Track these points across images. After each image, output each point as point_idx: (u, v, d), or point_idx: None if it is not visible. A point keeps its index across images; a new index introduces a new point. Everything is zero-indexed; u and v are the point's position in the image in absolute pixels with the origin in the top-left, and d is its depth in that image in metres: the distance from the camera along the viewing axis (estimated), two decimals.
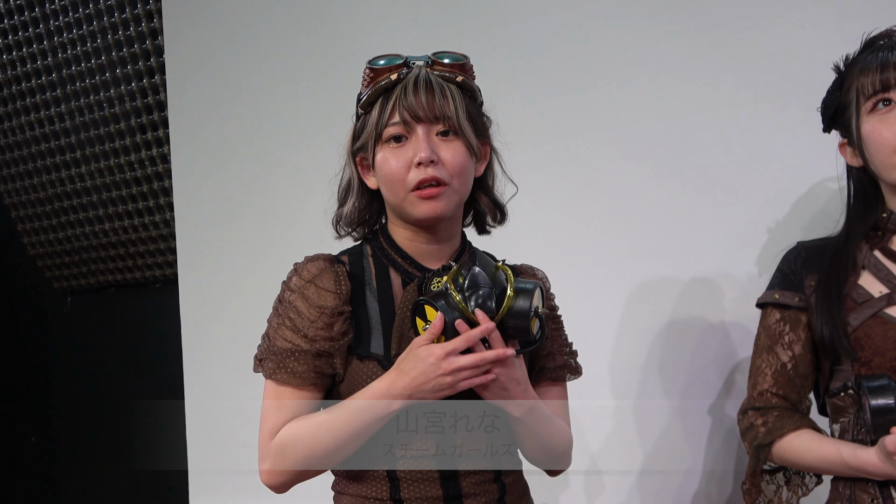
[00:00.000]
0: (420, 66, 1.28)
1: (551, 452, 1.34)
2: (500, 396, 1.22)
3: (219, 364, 2.71)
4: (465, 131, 1.26)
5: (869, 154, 1.34)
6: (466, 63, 1.31)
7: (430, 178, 1.23)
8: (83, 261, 3.54)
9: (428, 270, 1.30)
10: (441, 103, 1.24)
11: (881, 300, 1.33)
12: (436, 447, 1.24)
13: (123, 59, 3.12)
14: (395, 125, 1.25)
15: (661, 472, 1.95)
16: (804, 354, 1.41)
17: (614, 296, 2.00)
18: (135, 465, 3.44)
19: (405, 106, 1.24)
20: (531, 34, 2.14)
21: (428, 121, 1.24)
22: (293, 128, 2.57)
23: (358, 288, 1.29)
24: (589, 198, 2.05)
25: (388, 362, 1.24)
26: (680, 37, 1.95)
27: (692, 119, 1.93)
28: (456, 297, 1.17)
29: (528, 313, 1.19)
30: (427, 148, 1.23)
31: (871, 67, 1.32)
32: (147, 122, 3.14)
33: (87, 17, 3.17)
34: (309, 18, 2.55)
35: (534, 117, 2.12)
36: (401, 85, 1.25)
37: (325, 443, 1.22)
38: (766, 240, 1.83)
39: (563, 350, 1.41)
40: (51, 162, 3.43)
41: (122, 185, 3.27)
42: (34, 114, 3.42)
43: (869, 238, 1.39)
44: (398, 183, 1.25)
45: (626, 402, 1.99)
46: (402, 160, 1.25)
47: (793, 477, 1.45)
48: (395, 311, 1.27)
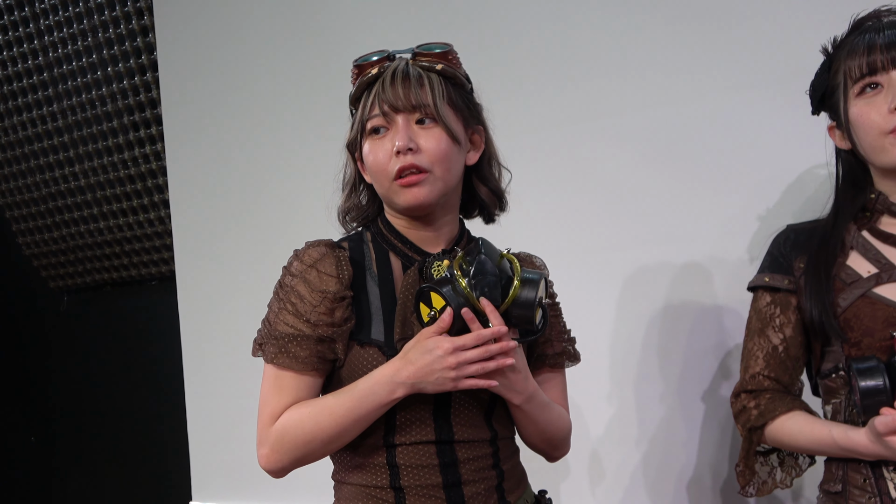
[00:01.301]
0: (403, 58, 1.31)
1: (551, 439, 1.36)
2: (502, 385, 1.23)
3: (218, 360, 2.72)
4: (445, 118, 1.27)
5: (857, 137, 1.35)
6: (449, 51, 1.32)
7: (409, 165, 1.25)
8: (79, 260, 3.54)
9: (428, 255, 1.31)
10: (417, 92, 1.26)
11: (869, 280, 1.33)
12: (435, 434, 1.25)
13: (115, 56, 3.12)
14: (375, 117, 1.28)
15: (659, 456, 1.97)
16: (795, 337, 1.41)
17: (608, 284, 2.01)
18: (136, 463, 3.45)
19: (383, 98, 1.26)
20: (522, 24, 2.15)
21: (406, 110, 1.26)
22: (287, 123, 2.58)
23: (359, 273, 1.30)
24: (580, 186, 2.06)
25: (388, 348, 1.25)
26: (669, 26, 1.96)
27: (683, 107, 1.94)
28: (462, 283, 1.18)
29: (533, 303, 1.20)
30: (405, 136, 1.25)
31: (858, 50, 1.32)
32: (140, 119, 3.14)
33: (77, 16, 3.17)
34: (301, 13, 2.55)
35: (524, 107, 2.13)
36: (381, 78, 1.28)
37: (327, 428, 1.23)
38: (759, 225, 1.85)
39: (561, 337, 1.42)
40: (44, 161, 3.42)
41: (116, 183, 3.27)
42: (26, 113, 3.41)
43: (857, 219, 1.40)
44: (381, 173, 1.28)
45: (623, 387, 2.00)
46: (384, 150, 1.27)
47: (786, 458, 1.46)
48: (397, 296, 1.28)
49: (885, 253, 1.35)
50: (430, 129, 1.27)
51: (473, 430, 1.28)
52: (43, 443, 3.80)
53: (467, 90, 1.35)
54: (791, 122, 1.74)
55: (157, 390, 3.27)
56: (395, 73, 1.28)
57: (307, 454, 1.26)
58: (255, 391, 1.31)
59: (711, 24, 1.91)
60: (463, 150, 1.32)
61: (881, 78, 1.30)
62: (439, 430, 1.26)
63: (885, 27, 1.33)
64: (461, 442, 1.27)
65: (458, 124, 1.30)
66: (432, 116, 1.27)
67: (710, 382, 1.92)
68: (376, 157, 1.28)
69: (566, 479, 2.08)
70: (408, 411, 1.25)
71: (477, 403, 1.28)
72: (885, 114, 1.29)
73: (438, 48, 1.31)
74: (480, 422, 1.29)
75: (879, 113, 1.30)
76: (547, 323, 1.27)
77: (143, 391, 3.39)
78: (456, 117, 1.30)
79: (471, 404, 1.28)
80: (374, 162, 1.28)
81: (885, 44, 1.30)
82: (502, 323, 1.19)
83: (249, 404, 2.55)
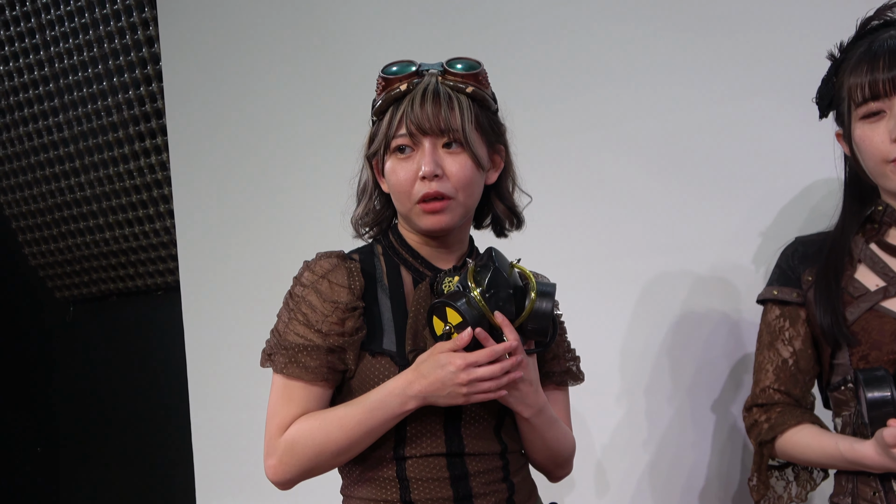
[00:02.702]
0: (432, 74, 1.27)
1: (556, 457, 1.35)
2: (513, 396, 1.23)
3: (223, 369, 2.72)
4: (472, 144, 1.25)
5: (861, 158, 1.34)
6: (480, 72, 1.29)
7: (434, 192, 1.24)
8: (85, 270, 3.54)
9: (439, 270, 1.31)
10: (447, 116, 1.23)
11: (877, 293, 1.32)
12: (446, 446, 1.25)
13: (120, 67, 3.13)
14: (402, 137, 1.25)
15: (668, 467, 1.96)
16: (805, 349, 1.41)
17: (618, 293, 2.00)
18: (141, 473, 3.45)
19: (412, 119, 1.24)
20: (528, 33, 2.15)
21: (434, 133, 1.24)
22: (292, 132, 2.58)
23: (370, 285, 1.30)
24: (589, 196, 2.05)
25: (401, 359, 1.24)
26: (677, 34, 1.95)
27: (691, 115, 1.93)
28: (476, 296, 1.18)
29: (549, 315, 1.20)
30: (431, 162, 1.23)
31: (861, 69, 1.29)
32: (146, 129, 3.15)
33: (83, 27, 3.18)
34: (307, 22, 2.55)
35: (532, 116, 2.12)
36: (409, 96, 1.25)
37: (338, 439, 1.22)
38: (767, 234, 1.84)
39: (566, 356, 1.42)
40: (50, 172, 3.43)
41: (122, 194, 3.28)
42: (32, 124, 3.42)
43: (865, 231, 1.39)
44: (404, 194, 1.26)
45: (631, 397, 1.99)
46: (409, 172, 1.25)
47: (801, 472, 1.45)
48: (408, 309, 1.27)
49: (892, 266, 1.34)
50: (457, 154, 1.25)
51: (484, 443, 1.27)
52: (48, 452, 3.81)
53: (493, 111, 1.33)
54: (800, 130, 1.74)
55: (162, 399, 3.27)
56: (426, 93, 1.24)
57: (316, 466, 1.25)
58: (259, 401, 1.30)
59: (720, 31, 1.90)
60: (485, 172, 1.31)
61: (884, 104, 1.28)
62: (450, 443, 1.25)
63: (887, 40, 1.30)
64: (472, 455, 1.26)
65: (483, 148, 1.29)
66: (460, 142, 1.25)
67: (719, 392, 1.91)
68: (399, 177, 1.26)
69: (571, 491, 2.06)
70: (418, 423, 1.25)
71: (487, 416, 1.28)
72: (887, 142, 1.28)
73: (469, 66, 1.28)
74: (490, 434, 1.29)
75: (882, 140, 1.28)
76: (556, 333, 1.27)
77: (148, 400, 3.39)
78: (482, 141, 1.29)
79: (481, 417, 1.27)
80: (397, 182, 1.27)
81: (887, 64, 1.27)
82: (517, 337, 1.19)
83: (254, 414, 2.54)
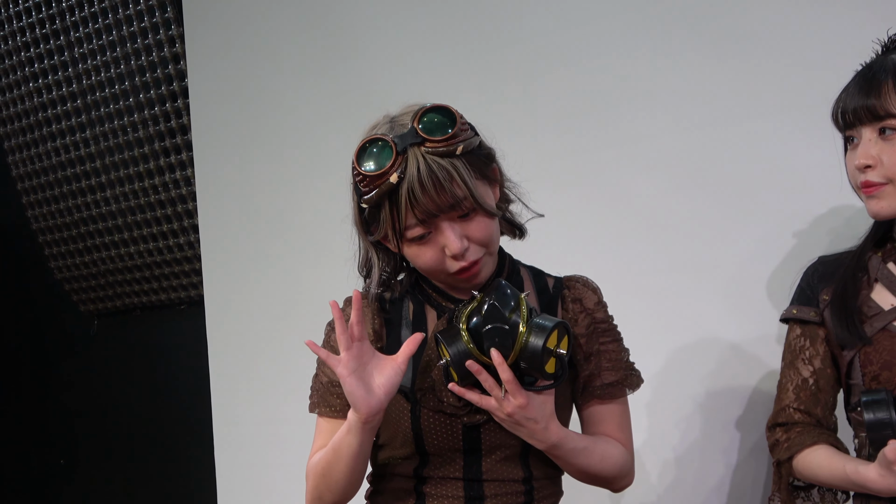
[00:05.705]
0: (415, 152, 1.19)
1: (595, 478, 1.34)
2: (516, 432, 1.24)
3: (246, 385, 2.72)
4: (482, 202, 1.23)
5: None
6: (457, 123, 1.21)
7: (468, 264, 1.24)
8: (109, 284, 3.57)
9: (459, 301, 1.32)
10: (452, 191, 1.19)
11: (891, 313, 1.31)
12: (463, 472, 1.28)
13: (147, 83, 3.17)
14: (415, 227, 1.22)
15: (691, 485, 1.94)
16: (824, 369, 1.40)
17: (639, 310, 1.99)
18: (163, 487, 3.46)
19: (419, 209, 1.19)
20: (550, 52, 2.15)
21: (445, 212, 1.21)
22: (317, 148, 2.59)
23: (395, 323, 1.34)
24: (612, 213, 2.05)
25: (412, 394, 1.28)
26: (699, 52, 1.95)
27: (714, 133, 1.92)
28: (465, 337, 1.19)
29: (539, 352, 1.16)
30: (456, 242, 1.22)
31: (839, 98, 1.32)
32: (171, 145, 3.18)
33: (110, 44, 3.22)
34: (333, 40, 2.57)
35: (553, 133, 2.12)
36: (405, 186, 1.18)
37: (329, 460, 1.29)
38: (790, 252, 1.82)
39: (617, 366, 1.38)
40: (76, 187, 3.47)
41: (146, 209, 3.31)
42: (60, 140, 3.47)
43: (884, 250, 1.38)
44: (437, 271, 1.28)
45: (653, 415, 1.98)
46: (435, 252, 1.25)
47: (826, 494, 1.43)
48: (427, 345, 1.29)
49: None
50: (473, 219, 1.24)
51: (505, 469, 1.29)
52: (71, 465, 3.83)
53: (479, 145, 1.26)
54: (824, 148, 1.72)
55: (185, 413, 3.28)
56: (422, 178, 1.17)
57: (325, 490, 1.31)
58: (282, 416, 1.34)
59: (742, 50, 1.89)
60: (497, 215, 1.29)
61: (854, 132, 1.30)
62: (467, 469, 1.28)
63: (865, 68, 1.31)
64: (490, 480, 1.28)
65: (489, 191, 1.27)
66: (472, 208, 1.23)
67: (742, 411, 1.89)
68: (427, 259, 1.25)
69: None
70: (437, 447, 1.28)
71: (512, 443, 1.28)
72: (854, 170, 1.29)
73: (445, 128, 1.20)
74: (515, 461, 1.30)
75: (852, 167, 1.30)
76: (566, 372, 1.23)
77: (171, 414, 3.40)
78: (486, 186, 1.27)
79: (506, 444, 1.28)
80: (425, 263, 1.26)
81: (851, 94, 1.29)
82: (512, 377, 1.17)
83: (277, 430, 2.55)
